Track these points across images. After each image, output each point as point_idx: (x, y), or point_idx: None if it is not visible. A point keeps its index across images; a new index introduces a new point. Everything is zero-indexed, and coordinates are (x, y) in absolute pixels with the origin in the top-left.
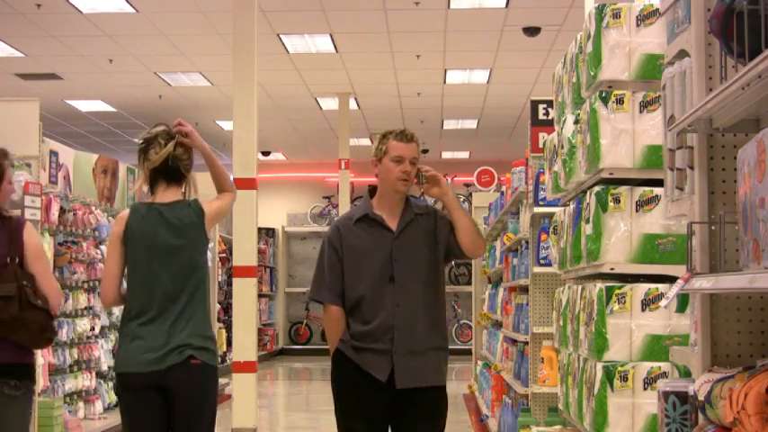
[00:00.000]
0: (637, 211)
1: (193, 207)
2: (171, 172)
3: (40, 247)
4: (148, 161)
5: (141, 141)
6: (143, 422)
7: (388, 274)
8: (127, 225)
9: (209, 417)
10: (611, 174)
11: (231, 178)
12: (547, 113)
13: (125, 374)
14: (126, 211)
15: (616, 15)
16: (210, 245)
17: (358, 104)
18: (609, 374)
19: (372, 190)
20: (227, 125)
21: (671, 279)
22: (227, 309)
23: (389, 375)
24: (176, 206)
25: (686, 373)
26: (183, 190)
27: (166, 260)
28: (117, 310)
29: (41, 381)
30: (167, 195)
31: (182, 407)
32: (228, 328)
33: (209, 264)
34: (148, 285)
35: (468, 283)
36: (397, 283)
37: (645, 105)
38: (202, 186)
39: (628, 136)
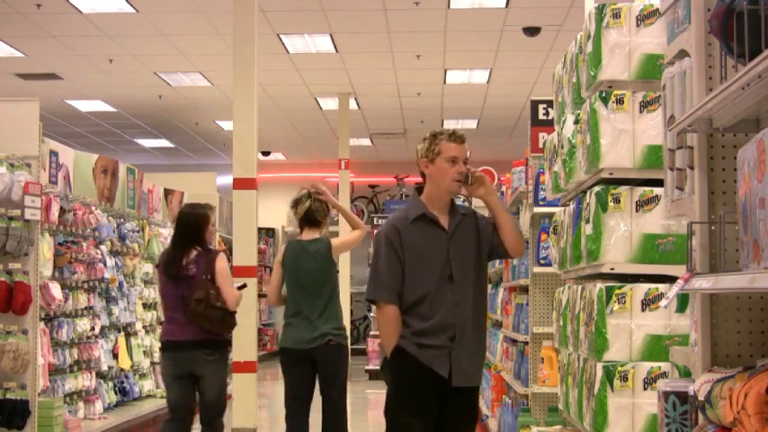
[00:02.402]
0: (637, 211)
1: (325, 242)
2: (311, 219)
3: (225, 270)
4: (297, 213)
5: (292, 201)
6: (297, 379)
7: (447, 273)
8: (284, 254)
9: (343, 378)
10: (611, 174)
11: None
12: (547, 113)
13: (289, 349)
14: (285, 245)
15: (616, 15)
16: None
17: (358, 104)
18: (609, 374)
19: (419, 189)
20: (227, 125)
21: (671, 279)
22: None
23: (448, 372)
24: (315, 242)
25: (686, 373)
26: (321, 231)
27: (308, 277)
28: (117, 311)
29: (41, 381)
30: (310, 235)
31: (325, 371)
32: None
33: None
34: (298, 294)
35: None
36: (455, 282)
37: (645, 105)
38: (200, 188)
39: (628, 136)
